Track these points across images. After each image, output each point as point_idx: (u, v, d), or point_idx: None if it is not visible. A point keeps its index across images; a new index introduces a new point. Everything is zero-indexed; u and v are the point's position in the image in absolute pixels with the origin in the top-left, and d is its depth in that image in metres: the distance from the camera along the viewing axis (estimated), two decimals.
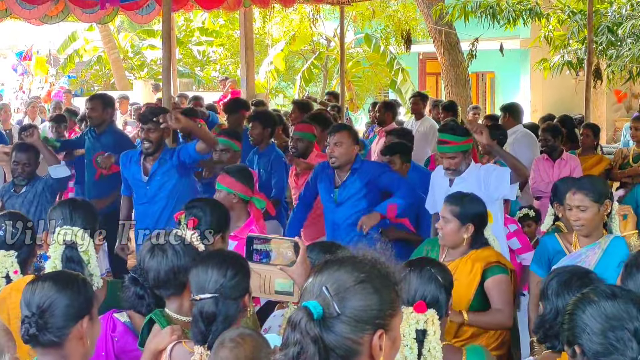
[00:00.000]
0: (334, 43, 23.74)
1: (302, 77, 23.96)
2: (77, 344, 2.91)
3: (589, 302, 2.63)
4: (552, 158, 8.57)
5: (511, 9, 14.58)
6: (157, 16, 11.57)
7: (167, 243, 3.74)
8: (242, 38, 14.37)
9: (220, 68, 28.62)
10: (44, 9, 10.55)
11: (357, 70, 24.45)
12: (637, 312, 2.53)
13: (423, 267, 3.51)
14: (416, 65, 26.18)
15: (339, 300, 1.97)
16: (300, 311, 1.96)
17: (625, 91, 18.00)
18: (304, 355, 1.92)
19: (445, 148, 6.12)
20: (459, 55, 16.61)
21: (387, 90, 24.97)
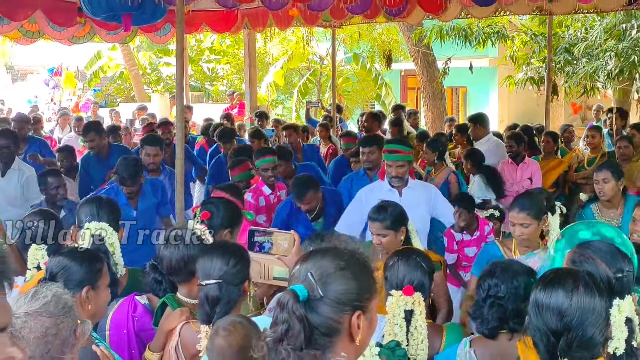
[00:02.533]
0: (326, 61, 23.71)
1: (298, 91, 23.97)
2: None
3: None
4: (515, 162, 8.61)
5: (481, 31, 14.61)
6: (172, 37, 11.56)
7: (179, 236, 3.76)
8: (246, 57, 14.38)
9: (227, 83, 28.62)
10: (72, 30, 10.53)
11: (346, 85, 24.43)
12: None
13: (410, 256, 3.52)
14: (399, 81, 26.21)
15: (322, 284, 1.97)
16: (288, 294, 1.96)
17: (580, 104, 18.01)
18: (290, 332, 1.92)
19: (395, 157, 6.09)
20: (436, 72, 16.63)
21: (373, 103, 24.97)
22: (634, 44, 13.44)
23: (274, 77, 24.05)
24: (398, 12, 9.41)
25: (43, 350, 2.54)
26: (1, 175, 7.67)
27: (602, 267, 2.90)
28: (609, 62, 13.82)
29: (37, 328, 2.55)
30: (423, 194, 6.07)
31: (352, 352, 2.03)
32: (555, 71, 14.28)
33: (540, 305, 2.55)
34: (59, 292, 2.68)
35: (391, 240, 4.60)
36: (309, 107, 15.22)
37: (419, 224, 5.81)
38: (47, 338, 2.54)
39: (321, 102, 18.44)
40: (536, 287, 2.62)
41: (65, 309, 2.63)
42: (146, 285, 3.87)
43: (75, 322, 2.65)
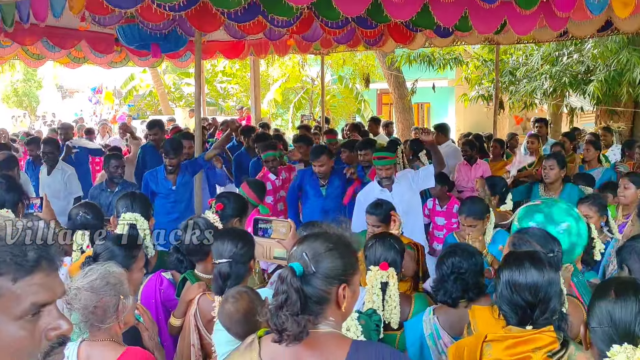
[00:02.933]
0: (316, 82, 23.65)
1: (294, 106, 23.96)
2: None
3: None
4: (470, 163, 8.61)
5: (441, 58, 14.62)
6: (191, 62, 11.54)
7: (195, 222, 3.76)
8: (252, 78, 14.31)
9: (236, 99, 28.56)
10: (111, 57, 10.52)
11: (333, 101, 24.41)
12: None
13: (385, 238, 3.52)
14: (375, 98, 26.23)
15: (315, 262, 1.97)
16: (287, 270, 1.96)
17: (522, 116, 18.08)
18: (289, 301, 1.92)
19: (383, 162, 6.10)
20: (405, 90, 16.63)
21: (354, 115, 24.97)
22: (564, 68, 13.50)
23: (274, 95, 24.05)
24: (375, 42, 9.41)
25: (85, 319, 2.61)
26: (47, 174, 7.75)
27: (537, 248, 2.89)
28: (544, 82, 13.87)
29: (83, 300, 2.60)
30: (405, 182, 6.11)
31: (339, 317, 2.03)
32: (502, 90, 14.33)
33: (517, 284, 2.48)
34: (105, 271, 2.70)
35: (383, 230, 4.60)
36: (303, 119, 15.19)
37: (411, 206, 6.02)
38: (89, 309, 2.59)
39: (313, 115, 18.43)
40: (507, 269, 2.56)
41: (109, 286, 2.65)
42: (170, 264, 3.87)
43: (118, 298, 2.67)
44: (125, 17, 6.88)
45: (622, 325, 1.93)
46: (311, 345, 1.94)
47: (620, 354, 1.80)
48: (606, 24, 8.10)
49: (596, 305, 2.03)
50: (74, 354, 2.66)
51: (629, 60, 11.77)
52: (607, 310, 1.98)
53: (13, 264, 1.27)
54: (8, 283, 1.27)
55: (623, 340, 1.85)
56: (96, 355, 2.63)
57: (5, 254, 1.27)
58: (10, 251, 1.28)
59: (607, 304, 2.00)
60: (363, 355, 1.95)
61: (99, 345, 2.66)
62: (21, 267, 1.28)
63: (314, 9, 6.50)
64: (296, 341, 1.90)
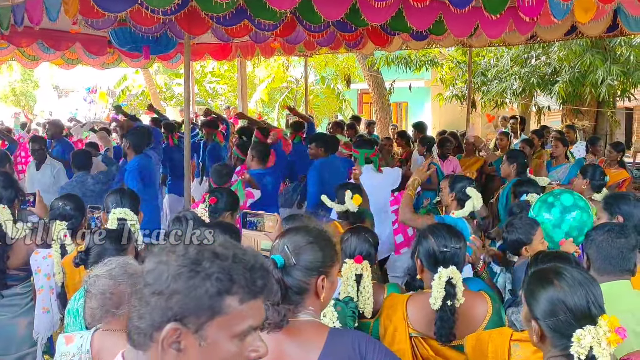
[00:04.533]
0: (300, 82, 23.61)
1: (279, 105, 23.93)
2: None
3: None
4: (442, 159, 8.65)
5: (418, 59, 14.66)
6: (181, 64, 11.45)
7: (184, 215, 3.75)
8: (239, 79, 14.24)
9: (225, 99, 28.40)
10: (104, 58, 10.42)
11: (316, 101, 24.37)
12: None
13: (360, 232, 3.50)
14: (356, 98, 26.26)
15: (295, 255, 1.97)
16: (269, 261, 1.96)
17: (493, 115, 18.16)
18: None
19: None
20: (384, 90, 16.65)
21: (336, 114, 24.96)
22: (532, 69, 13.59)
23: (260, 95, 23.98)
24: (355, 45, 9.41)
25: (101, 303, 2.63)
26: (36, 170, 7.73)
27: (430, 241, 2.88)
28: (514, 83, 13.96)
29: (100, 286, 2.63)
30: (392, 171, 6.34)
31: (318, 306, 2.03)
32: (474, 90, 14.40)
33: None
34: (125, 262, 2.74)
35: None
36: (288, 117, 15.10)
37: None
38: (106, 295, 2.62)
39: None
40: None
41: (126, 275, 2.66)
42: None
43: (134, 287, 2.63)
44: (118, 20, 6.84)
45: (578, 310, 1.89)
46: (291, 333, 1.95)
47: (586, 336, 1.79)
48: (572, 28, 8.17)
49: (542, 297, 1.96)
50: (87, 342, 2.64)
51: (592, 62, 11.89)
52: (559, 299, 1.92)
53: (244, 287, 1.30)
54: (236, 303, 1.30)
55: (583, 324, 1.84)
56: (109, 345, 2.60)
57: (240, 277, 1.30)
58: (244, 275, 1.30)
59: (555, 294, 1.94)
60: (340, 341, 1.96)
61: (113, 336, 2.62)
62: (250, 291, 1.31)
63: (297, 13, 6.49)
64: (277, 329, 1.91)
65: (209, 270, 1.28)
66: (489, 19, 6.08)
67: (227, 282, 1.28)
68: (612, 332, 1.78)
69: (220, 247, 1.33)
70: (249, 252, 1.35)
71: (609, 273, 2.77)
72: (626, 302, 2.70)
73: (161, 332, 1.27)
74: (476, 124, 18.96)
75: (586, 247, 2.89)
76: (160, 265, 1.31)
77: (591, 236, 2.88)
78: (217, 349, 1.28)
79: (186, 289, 1.26)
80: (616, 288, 2.73)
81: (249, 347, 1.33)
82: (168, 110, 23.96)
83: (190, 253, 1.30)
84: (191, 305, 1.26)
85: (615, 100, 14.17)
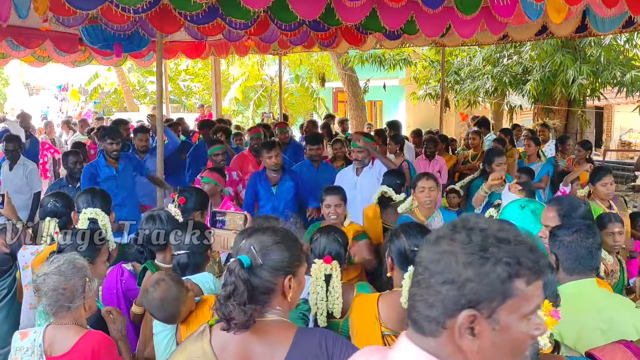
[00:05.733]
0: (275, 81, 23.57)
1: (254, 104, 23.85)
2: None
3: None
4: (429, 159, 8.63)
5: (392, 58, 14.73)
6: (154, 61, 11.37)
7: (157, 214, 3.74)
8: (213, 77, 14.17)
9: (199, 97, 28.24)
10: (75, 56, 10.30)
11: (291, 99, 24.35)
12: None
13: (329, 232, 3.51)
14: (331, 96, 26.28)
15: (262, 255, 1.97)
16: (235, 262, 1.96)
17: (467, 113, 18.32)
18: (237, 292, 1.91)
19: (356, 144, 6.26)
20: (358, 89, 16.70)
21: (311, 113, 24.98)
22: (504, 69, 13.75)
23: (235, 93, 23.88)
24: (329, 44, 9.43)
25: (55, 299, 2.70)
26: (9, 170, 7.62)
27: (402, 240, 2.91)
28: (486, 82, 14.10)
29: (52, 284, 2.69)
30: (375, 175, 6.14)
31: (286, 306, 2.03)
32: (447, 89, 14.52)
33: None
34: (71, 257, 2.80)
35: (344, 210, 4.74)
36: (263, 116, 15.09)
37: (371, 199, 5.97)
38: (59, 291, 2.69)
39: (272, 113, 18.33)
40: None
41: (75, 270, 2.74)
42: (130, 255, 3.83)
43: (84, 280, 2.76)
44: (89, 18, 6.76)
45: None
46: (258, 333, 1.94)
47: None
48: (542, 28, 8.28)
49: None
50: (40, 337, 2.71)
51: (562, 62, 12.06)
52: None
53: (530, 268, 1.33)
54: (523, 285, 1.32)
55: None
56: (59, 337, 2.68)
57: (526, 259, 1.32)
58: (528, 257, 1.33)
59: None
60: (307, 341, 1.96)
61: (63, 329, 2.70)
62: (534, 272, 1.34)
63: (270, 12, 6.48)
64: (244, 329, 1.90)
65: (497, 255, 1.31)
66: (462, 19, 6.13)
67: (516, 266, 1.31)
68: (548, 315, 1.87)
69: (501, 231, 1.35)
70: (524, 234, 1.38)
71: (579, 272, 2.80)
72: (592, 300, 2.74)
73: (454, 319, 1.32)
74: (450, 122, 19.11)
75: (553, 247, 2.88)
76: (446, 255, 1.34)
77: (559, 237, 2.88)
78: (509, 331, 1.33)
79: (479, 276, 1.30)
80: (583, 287, 2.77)
81: (534, 326, 1.37)
82: (142, 109, 23.72)
83: (475, 240, 1.33)
84: (484, 291, 1.30)
85: (585, 100, 14.39)
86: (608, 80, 12.40)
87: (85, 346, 2.60)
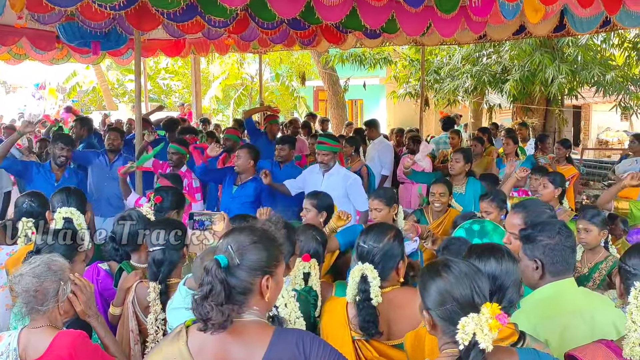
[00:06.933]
0: (255, 79, 23.50)
1: (234, 102, 23.78)
2: None
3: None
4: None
5: (372, 57, 14.75)
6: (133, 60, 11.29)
7: (128, 214, 3.71)
8: (193, 75, 14.11)
9: (179, 96, 28.07)
10: (52, 54, 10.18)
11: (271, 98, 24.30)
12: None
13: (308, 230, 3.50)
14: (312, 95, 26.26)
15: (239, 255, 1.96)
16: (212, 262, 1.95)
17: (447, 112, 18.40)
18: (214, 292, 1.91)
19: (322, 147, 6.11)
20: (339, 88, 16.71)
21: (292, 111, 24.95)
22: (484, 68, 13.83)
23: (215, 91, 23.81)
24: (309, 42, 9.42)
25: (26, 301, 2.65)
26: None
27: (360, 236, 2.95)
28: (466, 81, 14.17)
29: (24, 285, 2.65)
30: (340, 181, 6.00)
31: (263, 306, 2.02)
32: (427, 88, 14.56)
33: None
34: (48, 259, 2.74)
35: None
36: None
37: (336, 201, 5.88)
38: (30, 293, 2.64)
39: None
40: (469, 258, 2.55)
41: (50, 272, 2.68)
42: (106, 253, 3.80)
43: (59, 283, 2.69)
44: (66, 15, 6.67)
45: (464, 300, 2.00)
46: (236, 333, 1.94)
47: (469, 323, 1.88)
48: (520, 28, 8.34)
49: (431, 289, 2.07)
50: (15, 340, 2.66)
51: (541, 61, 12.16)
52: (446, 290, 2.03)
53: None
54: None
55: (467, 312, 1.93)
56: (33, 340, 2.64)
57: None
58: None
59: (443, 285, 2.04)
60: (284, 341, 1.95)
61: (37, 332, 2.65)
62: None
63: (250, 10, 6.46)
64: (221, 329, 1.89)
65: None
66: (442, 18, 6.15)
67: None
68: (493, 319, 1.88)
69: None
70: None
71: (563, 273, 2.75)
72: (573, 301, 2.72)
73: None
74: (430, 121, 19.19)
75: (536, 253, 2.78)
76: None
77: (542, 240, 2.78)
78: None
79: None
80: (563, 287, 2.74)
81: None
82: (121, 106, 23.51)
83: None
84: None
85: (564, 99, 14.53)
86: (586, 79, 12.53)
87: (59, 348, 2.56)
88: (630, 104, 13.03)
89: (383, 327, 2.78)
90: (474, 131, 13.74)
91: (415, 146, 8.70)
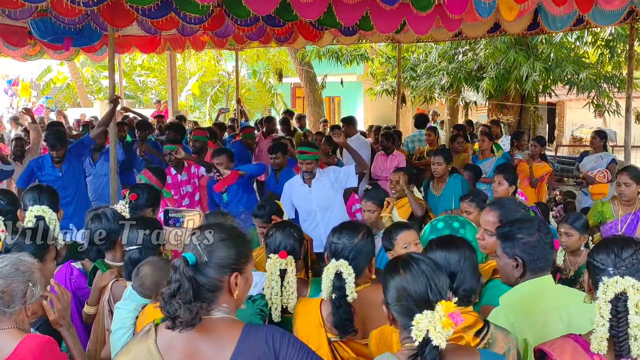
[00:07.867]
0: (232, 76, 23.39)
1: (211, 99, 23.69)
2: None
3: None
4: (387, 154, 8.69)
5: (349, 54, 14.76)
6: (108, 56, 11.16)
7: (102, 212, 3.67)
8: (169, 72, 14.01)
9: (155, 92, 27.86)
10: (25, 50, 9.99)
11: (248, 94, 24.22)
12: None
13: (285, 227, 3.49)
14: (289, 92, 26.24)
15: (208, 252, 1.96)
16: (180, 259, 1.94)
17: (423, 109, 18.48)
18: (182, 289, 1.90)
19: (305, 156, 6.06)
20: (316, 85, 16.69)
21: (269, 108, 24.89)
22: (460, 65, 13.92)
23: (191, 88, 23.65)
24: (285, 39, 9.40)
25: None
26: None
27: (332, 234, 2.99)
28: (442, 78, 14.25)
29: None
30: (326, 179, 6.00)
31: (232, 304, 2.02)
32: (404, 85, 14.61)
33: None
34: (17, 259, 2.63)
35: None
36: (220, 112, 14.90)
37: (330, 202, 5.95)
38: None
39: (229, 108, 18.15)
40: (428, 252, 2.65)
41: (18, 273, 2.58)
42: (84, 253, 3.75)
43: (27, 285, 2.59)
44: (38, 10, 6.58)
45: (418, 297, 2.05)
46: (204, 331, 1.93)
47: (423, 320, 1.94)
48: (495, 25, 8.40)
49: (390, 285, 2.13)
50: None
51: (516, 59, 12.28)
52: (402, 287, 2.08)
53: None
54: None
55: (422, 309, 1.98)
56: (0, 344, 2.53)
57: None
58: None
59: (400, 281, 2.10)
60: (254, 337, 1.95)
61: (3, 334, 2.56)
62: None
63: (224, 6, 6.42)
64: (189, 327, 1.89)
65: None
66: (417, 15, 6.17)
67: None
68: (447, 317, 1.93)
69: None
70: None
71: (542, 270, 2.75)
72: (551, 298, 2.73)
73: None
74: (406, 118, 19.26)
75: (515, 251, 2.75)
76: None
77: (522, 238, 2.75)
78: None
79: None
80: (542, 284, 2.74)
81: None
82: (96, 105, 23.26)
83: None
84: None
85: (538, 96, 14.68)
86: (560, 77, 12.67)
87: (24, 351, 2.50)
88: (603, 102, 13.20)
89: (358, 325, 2.78)
90: (449, 128, 13.84)
91: (388, 143, 8.74)
